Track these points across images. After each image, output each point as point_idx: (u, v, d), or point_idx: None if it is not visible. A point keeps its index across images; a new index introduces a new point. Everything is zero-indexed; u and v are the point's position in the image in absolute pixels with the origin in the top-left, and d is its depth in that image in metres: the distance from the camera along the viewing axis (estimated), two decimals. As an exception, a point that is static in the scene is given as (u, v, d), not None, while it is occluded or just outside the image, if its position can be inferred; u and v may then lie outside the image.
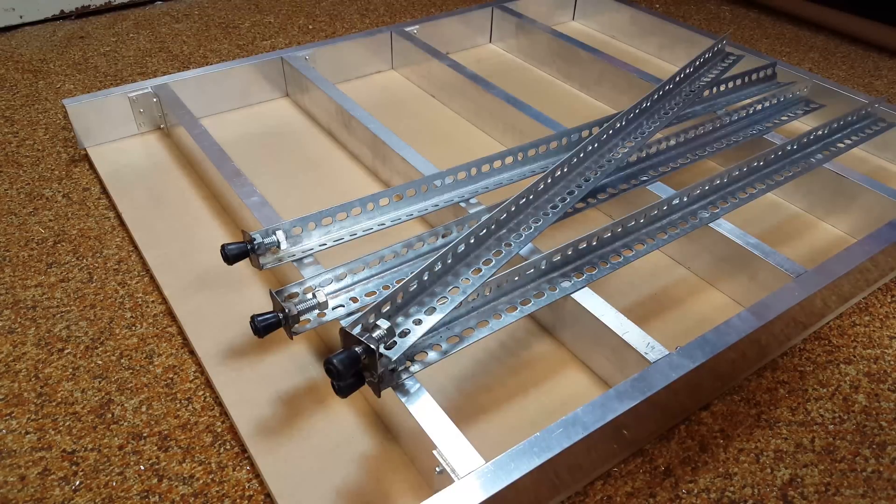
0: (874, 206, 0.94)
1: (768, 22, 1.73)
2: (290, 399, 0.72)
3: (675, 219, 0.85)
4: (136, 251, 0.93)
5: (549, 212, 0.82)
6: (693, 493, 0.65)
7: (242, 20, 1.66)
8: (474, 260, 0.74)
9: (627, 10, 1.53)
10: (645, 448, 0.69)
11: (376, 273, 0.76)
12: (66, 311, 0.84)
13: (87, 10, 1.66)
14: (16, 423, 0.71)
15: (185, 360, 0.78)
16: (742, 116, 1.05)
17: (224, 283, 0.86)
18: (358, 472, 0.65)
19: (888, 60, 1.53)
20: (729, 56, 1.18)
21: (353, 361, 0.57)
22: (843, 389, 0.76)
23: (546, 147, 0.96)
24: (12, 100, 1.30)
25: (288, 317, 0.66)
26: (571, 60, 1.33)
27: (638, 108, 0.98)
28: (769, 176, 0.94)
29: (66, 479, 0.65)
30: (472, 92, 1.19)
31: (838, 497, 0.65)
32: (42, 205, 1.02)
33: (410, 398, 0.62)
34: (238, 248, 0.75)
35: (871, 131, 1.06)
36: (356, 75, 1.36)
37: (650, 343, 0.68)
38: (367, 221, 0.84)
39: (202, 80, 1.19)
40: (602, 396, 0.62)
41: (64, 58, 1.46)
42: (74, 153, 1.15)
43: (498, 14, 1.48)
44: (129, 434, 0.69)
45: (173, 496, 0.64)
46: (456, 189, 0.89)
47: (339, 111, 1.12)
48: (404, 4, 1.77)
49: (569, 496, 0.65)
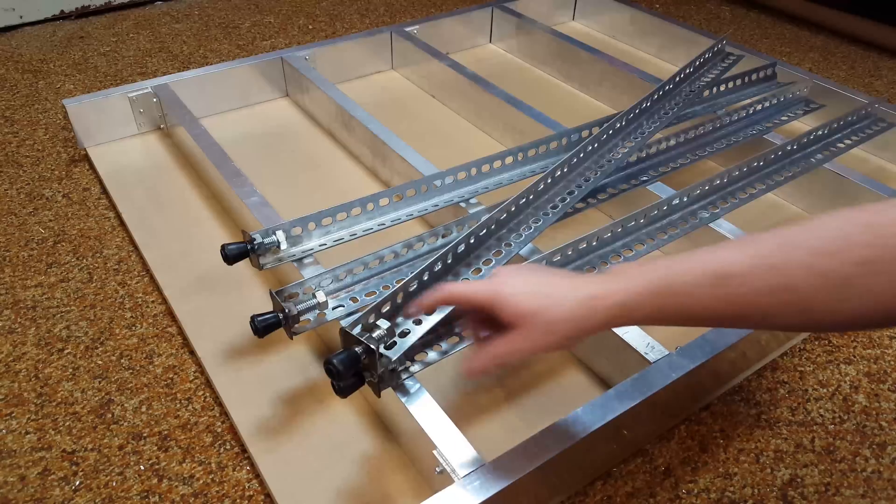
0: (874, 206, 0.94)
1: (768, 22, 1.73)
2: (290, 399, 0.72)
3: (675, 219, 0.85)
4: (136, 251, 0.93)
5: (549, 212, 0.82)
6: (693, 493, 0.65)
7: (242, 20, 1.66)
8: (474, 260, 0.74)
9: (627, 10, 1.53)
10: (645, 448, 0.69)
11: (376, 273, 0.76)
12: (66, 311, 0.84)
13: (87, 10, 1.66)
14: (16, 423, 0.71)
15: (185, 360, 0.78)
16: (742, 116, 1.05)
17: (224, 283, 0.86)
18: (358, 472, 0.65)
19: (888, 60, 1.53)
20: (729, 56, 1.18)
21: (353, 361, 0.57)
22: (843, 389, 0.76)
23: (546, 147, 0.96)
24: (12, 100, 1.30)
25: (288, 317, 0.66)
26: (571, 60, 1.33)
27: (638, 108, 0.98)
28: (769, 176, 0.94)
29: (66, 479, 0.65)
30: (472, 92, 1.19)
31: (838, 497, 0.65)
32: (42, 205, 1.02)
33: (410, 398, 0.62)
34: (238, 248, 0.75)
35: (871, 131, 1.06)
36: (356, 75, 1.36)
37: (650, 343, 0.68)
38: (367, 221, 0.84)
39: (202, 80, 1.19)
40: (602, 396, 0.62)
41: (64, 58, 1.46)
42: (74, 153, 1.15)
43: (498, 14, 1.48)
44: (129, 434, 0.69)
45: (173, 496, 0.64)
46: (456, 189, 0.89)
47: (339, 111, 1.12)
48: (404, 4, 1.77)
49: (569, 496, 0.65)
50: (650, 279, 0.47)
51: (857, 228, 0.41)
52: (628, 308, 0.47)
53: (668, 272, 0.46)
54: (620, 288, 0.47)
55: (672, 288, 0.45)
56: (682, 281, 0.45)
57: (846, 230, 0.41)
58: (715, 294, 0.44)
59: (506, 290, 0.50)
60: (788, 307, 0.42)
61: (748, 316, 0.44)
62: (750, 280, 0.43)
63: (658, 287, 0.46)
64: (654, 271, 0.47)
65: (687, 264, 0.46)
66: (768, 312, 0.43)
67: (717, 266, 0.44)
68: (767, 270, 0.42)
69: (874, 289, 0.40)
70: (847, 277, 0.40)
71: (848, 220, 0.42)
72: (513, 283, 0.51)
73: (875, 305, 0.40)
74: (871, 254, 0.40)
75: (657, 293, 0.46)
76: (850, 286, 0.40)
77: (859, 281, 0.40)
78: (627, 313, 0.47)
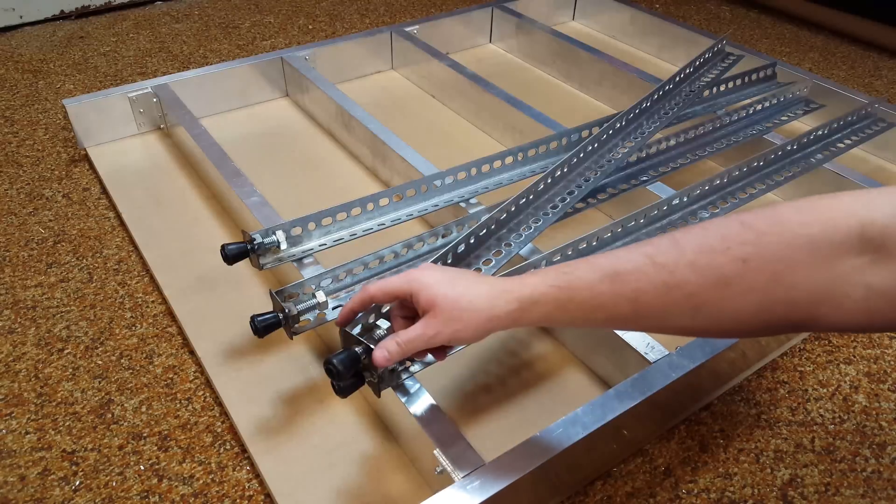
0: (874, 206, 0.94)
1: (768, 22, 1.73)
2: (290, 399, 0.72)
3: (675, 219, 0.85)
4: (136, 251, 0.93)
5: (549, 212, 0.82)
6: (693, 493, 0.65)
7: (242, 20, 1.66)
8: (474, 260, 0.74)
9: (627, 10, 1.53)
10: (645, 448, 0.69)
11: (376, 273, 0.76)
12: (66, 311, 0.84)
13: (87, 10, 1.66)
14: (16, 423, 0.71)
15: (185, 360, 0.78)
16: (742, 116, 1.05)
17: (224, 283, 0.86)
18: (358, 472, 0.65)
19: (888, 60, 1.53)
20: (729, 56, 1.18)
21: (353, 361, 0.57)
22: (843, 389, 0.76)
23: (546, 147, 0.96)
24: (12, 100, 1.30)
25: (288, 317, 0.66)
26: (571, 60, 1.33)
27: (638, 108, 0.98)
28: (769, 176, 0.94)
29: (66, 479, 0.65)
30: (472, 92, 1.19)
31: (838, 497, 0.65)
32: (42, 205, 1.02)
33: (410, 398, 0.62)
34: (238, 248, 0.75)
35: (871, 131, 1.06)
36: (356, 75, 1.36)
37: (650, 343, 0.68)
38: (367, 221, 0.84)
39: (202, 80, 1.19)
40: (602, 396, 0.62)
41: (64, 58, 1.46)
42: (74, 153, 1.15)
43: (498, 14, 1.48)
44: (129, 434, 0.69)
45: (173, 496, 0.64)
46: (456, 189, 0.89)
47: (339, 111, 1.12)
48: (404, 4, 1.77)
49: (569, 496, 0.65)
50: (553, 276, 0.49)
51: (738, 228, 0.42)
52: (531, 301, 0.49)
53: (568, 269, 0.48)
54: (527, 282, 0.49)
55: (572, 284, 0.47)
56: (580, 276, 0.47)
57: (729, 229, 0.42)
58: (612, 290, 0.46)
59: (422, 278, 0.52)
60: (678, 306, 0.44)
61: (644, 314, 0.46)
62: (642, 277, 0.44)
63: (559, 282, 0.48)
64: (556, 269, 0.49)
65: (587, 263, 0.48)
66: (663, 311, 0.44)
67: (613, 263, 0.46)
68: (657, 268, 0.44)
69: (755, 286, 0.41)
70: (728, 275, 0.41)
71: (732, 220, 0.43)
72: (430, 273, 0.53)
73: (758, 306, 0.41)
74: (750, 251, 0.41)
75: (558, 287, 0.48)
76: (731, 284, 0.41)
77: (740, 279, 0.41)
78: (530, 307, 0.49)
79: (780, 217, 0.41)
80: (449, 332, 0.51)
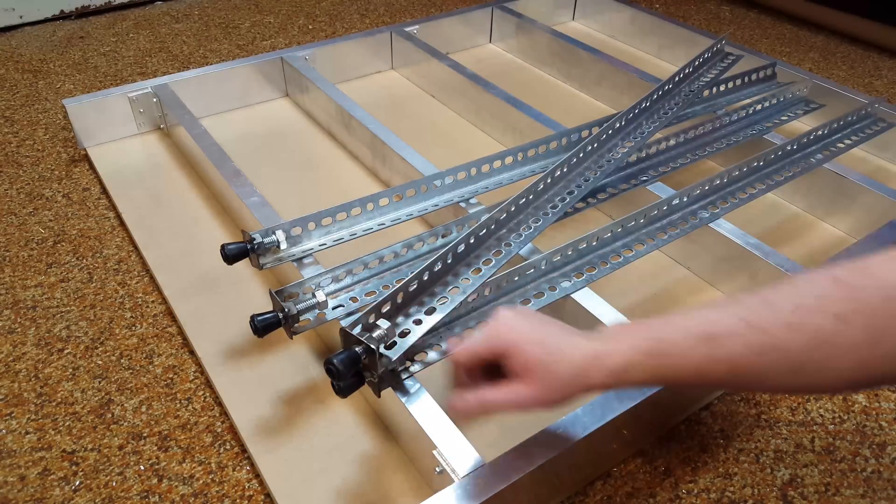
0: (874, 207, 0.94)
1: (768, 22, 1.73)
2: (290, 399, 0.72)
3: (675, 219, 0.85)
4: (136, 251, 0.93)
5: (549, 212, 0.82)
6: (693, 493, 0.65)
7: (242, 20, 1.66)
8: (474, 260, 0.74)
9: (627, 10, 1.53)
10: (645, 448, 0.69)
11: (376, 273, 0.76)
12: (66, 311, 0.84)
13: (87, 10, 1.66)
14: (16, 423, 0.71)
15: (185, 360, 0.78)
16: (742, 116, 1.05)
17: (224, 283, 0.86)
18: (358, 472, 0.65)
19: (888, 60, 1.53)
20: (728, 56, 1.18)
21: (353, 361, 0.57)
22: (843, 389, 0.76)
23: (546, 147, 0.96)
24: (12, 100, 1.30)
25: (288, 316, 0.66)
26: (571, 60, 1.33)
27: (638, 108, 0.98)
28: (769, 176, 0.94)
29: (66, 479, 0.65)
30: (472, 92, 1.19)
31: (838, 497, 0.65)
32: (42, 205, 1.02)
33: (410, 398, 0.62)
34: (238, 248, 0.75)
35: (870, 131, 1.06)
36: (356, 75, 1.36)
37: (650, 343, 0.68)
38: (367, 221, 0.84)
39: (202, 80, 1.19)
40: (602, 396, 0.62)
41: (64, 58, 1.46)
42: (74, 153, 1.15)
43: (498, 14, 1.48)
44: (129, 434, 0.69)
45: (173, 496, 0.64)
46: (456, 189, 0.89)
47: (338, 111, 1.12)
48: (404, 4, 1.77)
49: (569, 496, 0.65)
50: (645, 339, 0.46)
51: (829, 285, 0.41)
52: (624, 370, 0.47)
53: (660, 334, 0.46)
54: (619, 349, 0.47)
55: (665, 350, 0.45)
56: (673, 341, 0.45)
57: (822, 288, 0.41)
58: (707, 354, 0.44)
59: (511, 334, 0.50)
60: (779, 366, 0.42)
61: (742, 377, 0.44)
62: (738, 340, 0.43)
63: (652, 349, 0.46)
64: (647, 332, 0.47)
65: (675, 326, 0.46)
66: (761, 373, 0.43)
67: (705, 327, 0.44)
68: (752, 329, 0.42)
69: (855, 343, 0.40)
70: (826, 334, 0.40)
71: (823, 277, 0.42)
72: (520, 328, 0.50)
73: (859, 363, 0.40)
74: (846, 308, 0.40)
75: (652, 354, 0.46)
76: (831, 343, 0.40)
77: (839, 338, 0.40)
78: (622, 375, 0.47)
79: (871, 270, 0.41)
80: (543, 402, 0.49)
